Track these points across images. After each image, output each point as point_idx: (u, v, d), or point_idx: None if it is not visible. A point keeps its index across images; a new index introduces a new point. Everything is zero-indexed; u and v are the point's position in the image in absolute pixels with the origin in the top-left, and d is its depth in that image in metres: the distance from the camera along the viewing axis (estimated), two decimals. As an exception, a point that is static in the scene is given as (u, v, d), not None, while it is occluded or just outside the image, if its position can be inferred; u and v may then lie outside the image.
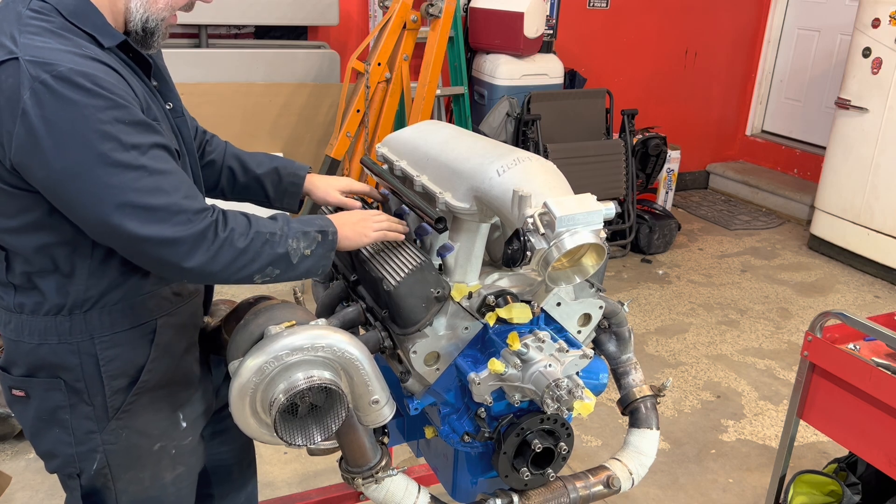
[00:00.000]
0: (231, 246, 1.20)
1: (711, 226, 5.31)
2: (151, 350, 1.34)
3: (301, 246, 1.29)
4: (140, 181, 1.13)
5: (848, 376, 1.83)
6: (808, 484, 2.12)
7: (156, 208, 1.14)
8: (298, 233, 1.29)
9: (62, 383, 1.30)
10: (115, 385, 1.32)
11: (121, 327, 1.31)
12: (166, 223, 1.14)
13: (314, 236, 1.31)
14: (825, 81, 5.53)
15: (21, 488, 2.45)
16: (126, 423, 1.34)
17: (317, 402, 1.24)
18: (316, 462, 2.62)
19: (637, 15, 5.31)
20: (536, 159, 1.31)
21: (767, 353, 3.57)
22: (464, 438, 1.41)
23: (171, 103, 1.39)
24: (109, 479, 1.37)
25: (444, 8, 3.86)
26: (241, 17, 3.99)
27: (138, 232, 1.13)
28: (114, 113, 1.11)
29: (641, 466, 1.56)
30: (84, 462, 1.35)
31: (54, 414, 1.32)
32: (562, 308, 1.44)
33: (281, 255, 1.26)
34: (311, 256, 1.30)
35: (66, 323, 1.27)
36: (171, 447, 1.42)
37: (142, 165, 1.13)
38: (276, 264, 1.26)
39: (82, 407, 1.31)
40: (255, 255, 1.24)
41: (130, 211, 1.12)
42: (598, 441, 2.84)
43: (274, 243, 1.26)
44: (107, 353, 1.30)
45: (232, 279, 1.23)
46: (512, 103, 4.38)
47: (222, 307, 1.85)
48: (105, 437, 1.34)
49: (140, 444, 1.37)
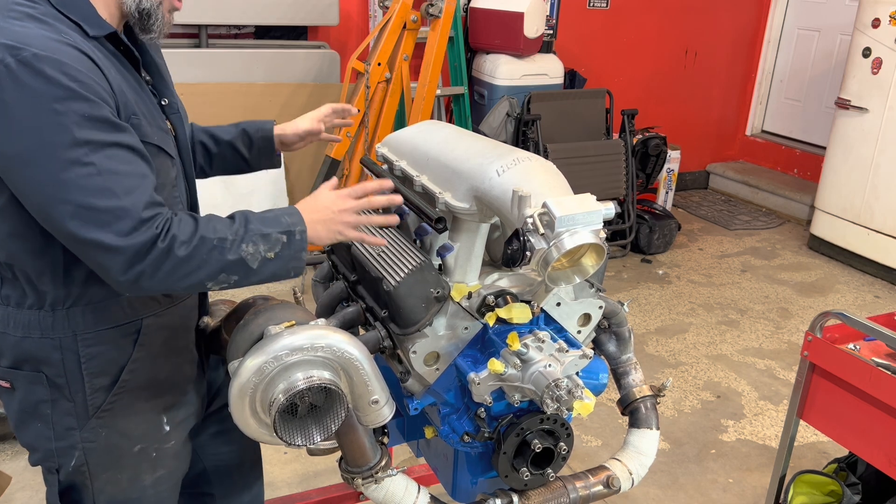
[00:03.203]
0: (170, 256, 1.13)
1: (711, 226, 5.31)
2: (134, 350, 1.32)
3: (261, 249, 1.20)
4: (88, 179, 1.08)
5: (848, 376, 1.83)
6: (808, 484, 2.12)
7: (99, 210, 1.09)
8: (256, 236, 1.20)
9: (44, 378, 1.28)
10: (95, 383, 1.30)
11: (104, 325, 1.28)
12: (107, 228, 1.09)
13: (277, 238, 1.21)
14: (825, 81, 5.53)
15: (21, 488, 2.45)
16: (106, 423, 1.33)
17: (316, 402, 1.24)
18: (316, 462, 2.62)
19: (637, 15, 5.31)
20: (536, 159, 1.31)
21: (767, 353, 3.57)
22: (464, 438, 1.41)
23: (166, 99, 1.36)
24: (87, 476, 1.36)
25: (444, 8, 3.86)
26: (241, 17, 4.00)
27: (78, 232, 1.09)
28: (72, 104, 1.08)
29: (641, 466, 1.56)
30: (63, 458, 1.34)
31: (36, 408, 1.31)
32: (562, 308, 1.44)
33: (233, 261, 1.18)
34: (276, 260, 1.22)
35: (48, 318, 1.26)
36: (152, 450, 1.40)
37: (91, 163, 1.08)
38: (229, 271, 1.19)
39: (63, 403, 1.30)
40: (200, 264, 1.16)
41: (73, 209, 1.08)
42: (598, 441, 2.84)
43: (224, 249, 1.17)
44: (88, 351, 1.28)
45: (175, 289, 1.18)
46: (512, 103, 4.38)
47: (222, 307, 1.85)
48: (84, 434, 1.32)
49: (120, 444, 1.35)
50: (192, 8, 3.84)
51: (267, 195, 4.13)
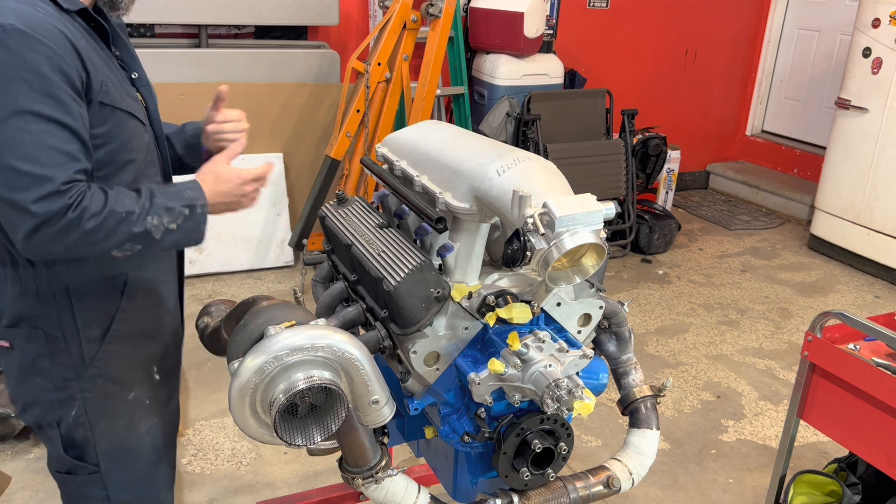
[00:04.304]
0: (78, 226, 1.20)
1: (711, 226, 5.31)
2: (122, 301, 1.42)
3: (165, 221, 1.28)
4: (19, 145, 1.16)
5: (848, 376, 1.83)
6: (808, 484, 2.12)
7: (21, 173, 1.16)
8: (161, 209, 1.28)
9: (41, 333, 1.37)
10: (89, 333, 1.40)
11: (94, 278, 1.38)
12: (24, 191, 1.16)
13: (180, 211, 1.30)
14: (825, 81, 5.53)
15: (21, 488, 2.45)
16: (101, 371, 1.42)
17: (317, 402, 1.23)
18: (316, 462, 2.63)
19: (637, 15, 5.31)
20: (536, 159, 1.31)
21: (767, 353, 3.57)
22: (464, 438, 1.41)
23: (136, 73, 1.46)
24: (87, 427, 1.44)
25: (444, 8, 3.86)
26: (241, 17, 3.99)
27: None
28: (26, 76, 1.16)
29: (641, 466, 1.56)
30: (64, 409, 1.42)
31: (35, 363, 1.39)
32: (562, 308, 1.44)
33: (139, 233, 1.26)
34: (178, 231, 1.30)
35: (43, 275, 1.34)
36: (146, 397, 1.50)
37: (27, 131, 1.16)
38: (134, 241, 1.27)
39: (60, 355, 1.39)
40: (106, 235, 1.23)
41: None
42: (598, 441, 2.84)
43: (131, 222, 1.25)
44: (81, 303, 1.38)
45: (77, 255, 1.26)
46: (512, 103, 4.38)
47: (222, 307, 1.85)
48: (83, 384, 1.42)
49: (115, 392, 1.45)
50: (192, 8, 3.84)
51: (267, 195, 4.13)
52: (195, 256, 4.00)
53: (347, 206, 1.68)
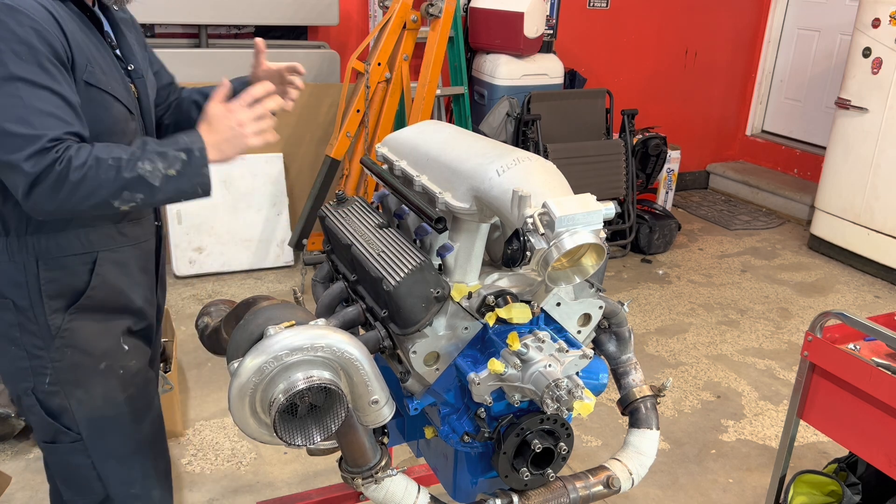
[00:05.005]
0: (66, 179, 1.22)
1: (711, 226, 5.32)
2: (91, 279, 1.45)
3: (160, 167, 1.28)
4: (11, 109, 1.20)
5: (848, 376, 1.83)
6: (809, 484, 2.12)
7: (13, 134, 1.20)
8: (153, 154, 1.29)
9: (11, 304, 1.42)
10: (53, 305, 1.43)
11: (63, 252, 1.41)
12: (17, 152, 1.20)
13: (175, 155, 1.30)
14: (825, 81, 5.53)
15: (21, 488, 2.45)
16: (68, 342, 1.45)
17: (316, 403, 1.23)
18: (316, 462, 2.63)
19: (637, 15, 5.31)
20: (536, 159, 1.31)
21: (767, 353, 3.57)
22: (464, 438, 1.41)
23: (132, 65, 1.48)
24: (63, 396, 1.48)
25: (444, 8, 3.86)
26: (241, 17, 3.99)
27: None
28: (14, 46, 1.21)
29: (641, 466, 1.56)
30: (37, 377, 1.47)
31: (8, 332, 1.44)
32: (562, 308, 1.44)
33: (131, 179, 1.26)
34: (179, 177, 1.30)
35: (14, 243, 1.39)
36: (118, 367, 1.53)
37: (19, 96, 1.21)
38: (131, 188, 1.27)
39: (28, 325, 1.43)
40: (97, 183, 1.24)
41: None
42: (598, 441, 2.84)
43: (119, 168, 1.26)
44: (47, 275, 1.41)
45: (80, 209, 1.27)
46: (512, 103, 4.38)
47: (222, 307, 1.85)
48: (52, 354, 1.45)
49: (84, 362, 1.48)
50: (192, 8, 3.85)
51: (267, 195, 4.13)
52: (195, 256, 4.00)
53: (347, 206, 1.68)
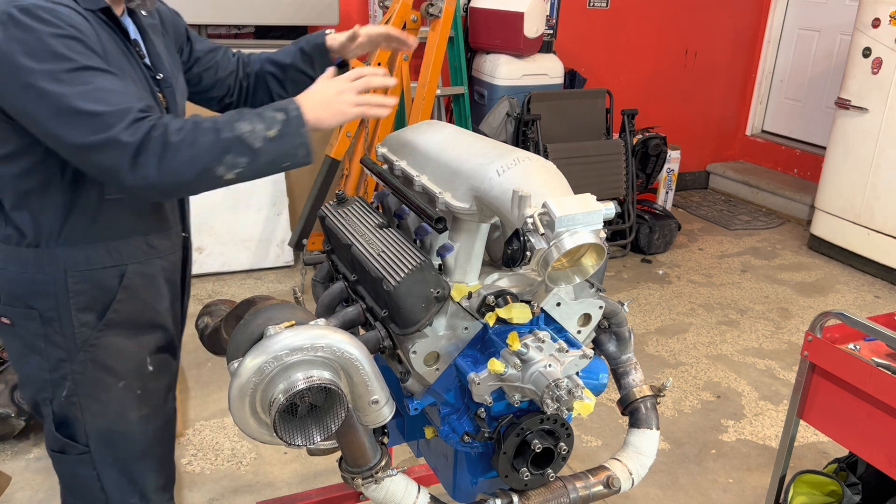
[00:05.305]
0: (167, 144, 1.22)
1: (711, 226, 5.31)
2: (119, 292, 1.44)
3: (258, 128, 1.26)
4: (89, 93, 1.21)
5: (848, 376, 1.83)
6: (808, 484, 2.12)
7: (101, 114, 1.20)
8: (251, 115, 1.28)
9: (37, 314, 1.41)
10: (82, 318, 1.42)
11: (93, 265, 1.41)
12: (109, 129, 1.20)
13: (273, 116, 1.28)
14: (825, 81, 5.53)
15: (21, 488, 2.45)
16: (92, 356, 1.44)
17: (316, 403, 1.23)
18: (316, 462, 2.63)
19: (637, 15, 5.31)
20: (536, 159, 1.31)
21: (767, 353, 3.57)
22: (464, 438, 1.41)
23: (161, 74, 1.48)
24: (78, 408, 1.47)
25: (444, 8, 3.86)
26: (241, 17, 3.99)
27: (87, 140, 1.21)
28: (67, 41, 1.22)
29: (641, 466, 1.56)
30: (56, 389, 1.46)
31: (33, 343, 1.43)
32: (562, 308, 1.44)
33: (231, 139, 1.25)
34: (278, 139, 1.28)
35: (44, 255, 1.38)
36: (137, 387, 1.51)
37: (90, 82, 1.22)
38: (233, 151, 1.25)
39: (54, 336, 1.42)
40: (199, 147, 1.24)
41: (79, 120, 1.20)
42: (598, 441, 2.84)
43: (218, 130, 1.25)
44: (76, 287, 1.40)
45: (186, 180, 1.25)
46: (512, 103, 4.38)
47: (222, 307, 1.85)
48: (74, 367, 1.44)
49: (105, 379, 1.47)
50: (192, 8, 3.84)
51: (267, 195, 4.13)
52: (195, 256, 4.00)
53: (347, 206, 1.68)
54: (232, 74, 1.72)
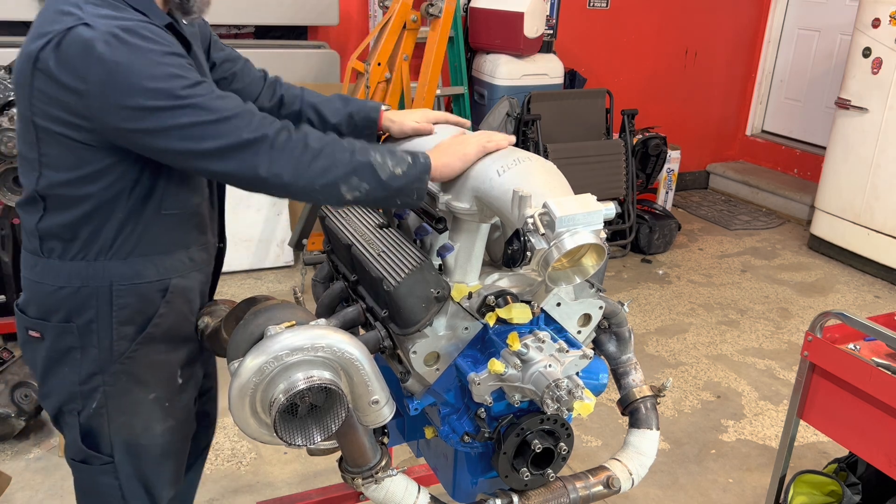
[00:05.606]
0: (306, 147, 1.24)
1: (711, 226, 5.32)
2: (161, 306, 1.44)
3: (389, 163, 1.28)
4: (211, 102, 1.22)
5: (848, 376, 1.83)
6: (809, 484, 2.12)
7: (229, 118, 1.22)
8: (384, 150, 1.30)
9: (74, 327, 1.39)
10: (122, 331, 1.41)
11: (139, 280, 1.40)
12: (243, 129, 1.22)
13: (402, 156, 1.30)
14: (825, 81, 5.53)
15: (21, 488, 2.45)
16: (127, 369, 1.43)
17: (316, 403, 1.23)
18: (316, 462, 2.63)
19: (637, 15, 5.31)
20: (536, 159, 1.31)
21: (767, 353, 3.57)
22: (464, 438, 1.41)
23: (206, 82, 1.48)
24: (105, 419, 1.46)
25: (444, 8, 3.87)
26: (241, 17, 3.99)
27: (223, 144, 1.22)
28: (173, 58, 1.23)
29: (641, 467, 1.56)
30: (86, 399, 1.44)
31: (67, 354, 1.42)
32: (562, 308, 1.44)
33: (363, 163, 1.27)
34: (403, 176, 1.29)
35: (90, 268, 1.37)
36: (166, 400, 1.51)
37: (205, 94, 1.22)
38: (360, 174, 1.27)
39: (91, 349, 1.41)
40: (333, 160, 1.25)
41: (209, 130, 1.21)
42: (598, 441, 2.84)
43: (354, 151, 1.27)
44: (121, 301, 1.39)
45: (314, 187, 1.26)
46: (512, 103, 4.38)
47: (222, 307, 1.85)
48: (106, 378, 1.43)
49: (136, 391, 1.46)
50: (192, 8, 3.84)
51: (267, 197, 4.12)
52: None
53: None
54: (252, 90, 1.67)
